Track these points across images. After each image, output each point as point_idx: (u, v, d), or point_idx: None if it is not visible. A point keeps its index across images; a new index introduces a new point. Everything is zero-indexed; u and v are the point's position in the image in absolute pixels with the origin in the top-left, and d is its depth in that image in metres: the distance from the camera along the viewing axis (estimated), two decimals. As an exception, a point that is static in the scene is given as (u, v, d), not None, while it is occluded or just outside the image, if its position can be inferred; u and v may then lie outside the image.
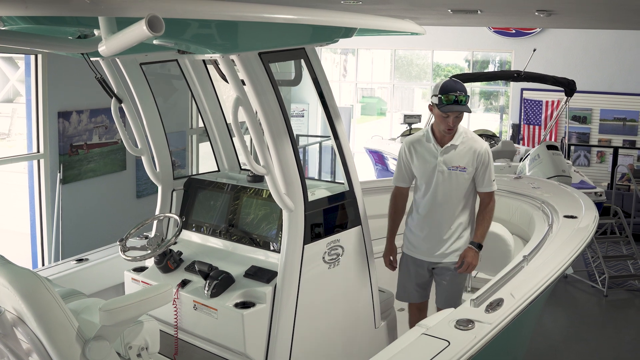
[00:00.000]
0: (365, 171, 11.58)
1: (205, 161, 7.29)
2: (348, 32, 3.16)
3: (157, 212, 3.80)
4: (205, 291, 3.10)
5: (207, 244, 3.60)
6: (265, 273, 3.16)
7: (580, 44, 11.79)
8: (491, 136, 10.27)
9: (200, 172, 4.11)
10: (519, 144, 11.42)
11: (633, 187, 9.40)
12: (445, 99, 3.56)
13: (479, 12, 7.19)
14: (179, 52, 3.59)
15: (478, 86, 14.10)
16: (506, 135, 12.85)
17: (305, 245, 3.08)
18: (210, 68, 3.89)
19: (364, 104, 17.48)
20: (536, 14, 7.05)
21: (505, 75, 10.04)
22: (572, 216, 4.29)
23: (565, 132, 10.19)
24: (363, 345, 3.49)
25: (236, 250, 3.44)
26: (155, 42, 2.72)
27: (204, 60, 3.73)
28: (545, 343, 5.54)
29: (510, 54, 12.63)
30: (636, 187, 8.92)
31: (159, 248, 3.33)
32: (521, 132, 12.35)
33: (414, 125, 11.03)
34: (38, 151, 5.49)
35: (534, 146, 10.64)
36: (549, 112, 12.05)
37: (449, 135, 3.69)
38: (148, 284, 3.36)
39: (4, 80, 9.22)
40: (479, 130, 10.35)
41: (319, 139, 11.48)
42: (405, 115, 11.27)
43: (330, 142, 3.88)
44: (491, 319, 2.86)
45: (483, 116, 14.92)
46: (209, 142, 4.09)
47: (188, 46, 3.06)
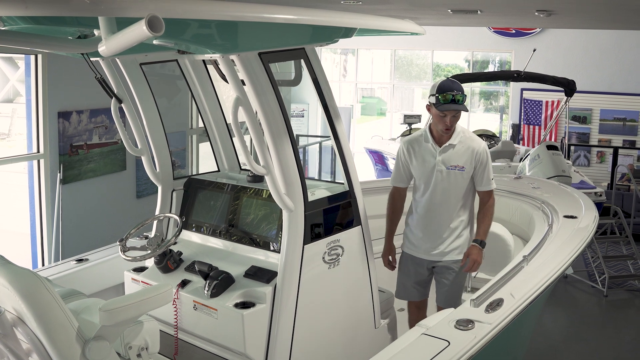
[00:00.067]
0: (365, 171, 11.59)
1: (205, 161, 7.29)
2: (348, 32, 3.16)
3: (157, 212, 3.80)
4: (205, 291, 3.10)
5: (207, 244, 3.59)
6: (265, 273, 3.15)
7: (580, 44, 11.78)
8: (491, 136, 10.26)
9: (200, 172, 4.10)
10: (519, 144, 11.41)
11: (633, 187, 9.40)
12: (442, 99, 3.58)
13: (479, 12, 7.18)
14: (179, 52, 3.58)
15: (478, 86, 14.09)
16: (506, 135, 12.85)
17: (305, 245, 3.07)
18: (210, 68, 3.88)
19: (364, 104, 17.48)
20: (536, 14, 7.04)
21: (505, 75, 10.04)
22: (572, 216, 4.30)
23: (565, 132, 10.18)
24: (363, 345, 3.49)
25: (236, 251, 3.44)
26: (155, 42, 2.72)
27: (204, 61, 3.73)
28: (545, 343, 5.54)
29: (510, 54, 12.63)
30: (636, 187, 8.92)
31: (159, 248, 3.33)
32: (521, 132, 12.34)
33: (414, 125, 11.00)
34: (38, 151, 5.48)
35: (534, 146, 10.64)
36: (549, 112, 12.04)
37: (447, 134, 3.71)
38: (148, 284, 3.36)
39: (4, 80, 9.20)
40: (479, 130, 10.35)
41: (319, 139, 11.47)
42: (405, 116, 11.26)
43: (330, 142, 3.87)
44: (491, 319, 2.87)
45: (483, 116, 14.91)
46: (209, 142, 4.08)
47: (188, 46, 3.06)
